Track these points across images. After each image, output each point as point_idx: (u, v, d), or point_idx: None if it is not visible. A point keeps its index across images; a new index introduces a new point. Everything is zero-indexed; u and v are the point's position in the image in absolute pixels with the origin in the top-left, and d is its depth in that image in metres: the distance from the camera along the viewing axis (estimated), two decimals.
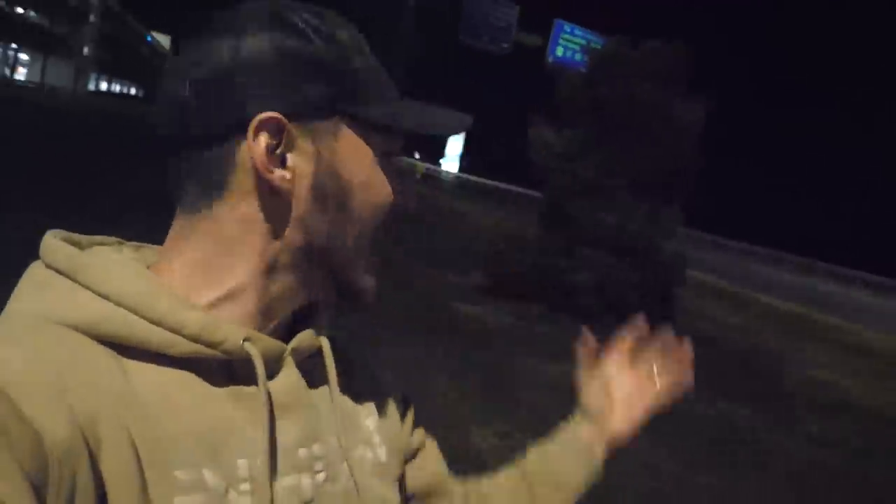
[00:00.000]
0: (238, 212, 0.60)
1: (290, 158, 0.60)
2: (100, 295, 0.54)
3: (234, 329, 0.57)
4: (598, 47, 10.74)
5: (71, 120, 24.06)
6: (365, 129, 0.63)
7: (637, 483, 4.31)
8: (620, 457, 0.99)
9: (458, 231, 18.19)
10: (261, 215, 0.60)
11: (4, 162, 9.59)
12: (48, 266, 0.57)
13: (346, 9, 0.73)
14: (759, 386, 7.66)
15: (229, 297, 0.60)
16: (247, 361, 0.58)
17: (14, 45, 41.71)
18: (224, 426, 0.56)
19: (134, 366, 0.54)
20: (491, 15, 62.00)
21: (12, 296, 0.56)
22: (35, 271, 0.57)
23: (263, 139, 0.58)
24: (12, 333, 0.51)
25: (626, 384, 1.01)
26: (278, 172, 0.59)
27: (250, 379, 0.58)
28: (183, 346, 0.55)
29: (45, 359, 0.49)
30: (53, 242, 0.58)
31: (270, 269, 0.61)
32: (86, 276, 0.55)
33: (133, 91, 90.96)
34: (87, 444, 0.47)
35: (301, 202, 0.61)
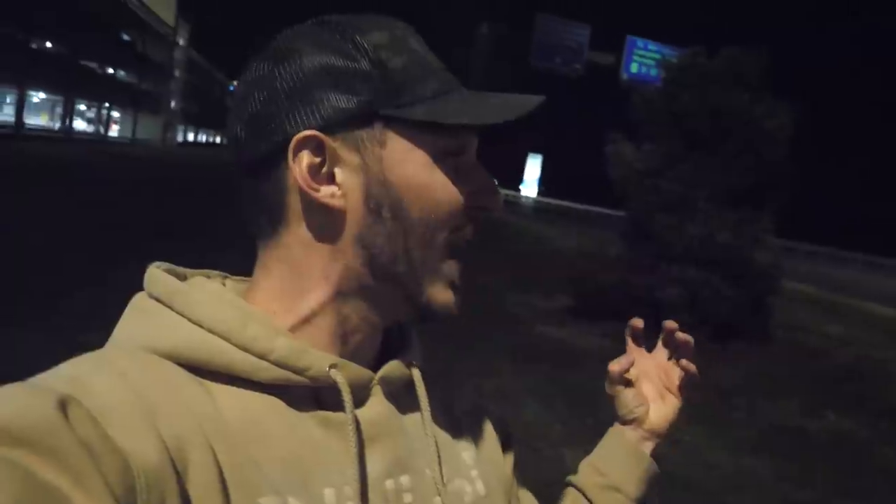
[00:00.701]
0: (299, 235, 0.60)
1: (338, 174, 0.59)
2: (193, 322, 0.56)
3: (320, 356, 0.57)
4: (671, 61, 10.53)
5: (162, 170, 25.22)
6: (411, 130, 0.59)
7: (745, 501, 4.13)
8: (727, 473, 0.94)
9: (540, 254, 18.06)
10: (319, 236, 0.59)
11: (109, 213, 10.12)
12: (150, 295, 0.59)
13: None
14: (867, 397, 7.25)
15: (306, 322, 0.60)
16: (334, 389, 0.57)
17: (107, 104, 44.12)
18: (310, 454, 0.56)
19: (222, 392, 0.55)
20: (562, 37, 61.93)
21: (118, 323, 0.59)
22: (137, 300, 0.60)
23: (305, 158, 0.57)
24: (106, 361, 0.53)
25: (653, 376, 0.92)
26: (325, 189, 0.58)
27: (337, 406, 0.58)
28: (269, 372, 0.55)
29: (133, 385, 0.50)
30: (155, 273, 0.60)
31: (339, 291, 0.60)
32: (181, 305, 0.57)
33: (218, 139, 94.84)
34: (175, 468, 0.47)
35: (356, 217, 0.59)
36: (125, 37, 43.83)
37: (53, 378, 0.49)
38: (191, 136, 77.99)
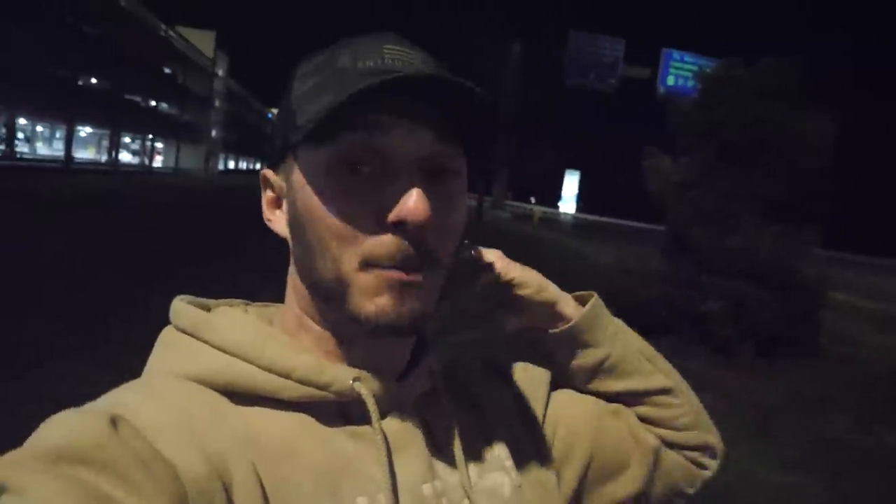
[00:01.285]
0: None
1: (283, 205, 0.63)
2: (217, 348, 0.59)
3: (342, 370, 0.59)
4: (707, 73, 10.43)
5: (202, 196, 25.70)
6: (305, 152, 0.58)
7: None
8: (776, 491, 0.92)
9: (578, 270, 17.93)
10: (292, 259, 0.64)
11: (150, 238, 10.34)
12: (176, 328, 0.63)
13: (453, 63, 0.72)
14: None
15: (318, 337, 0.62)
16: (359, 402, 0.59)
17: (150, 136, 45.18)
18: (341, 466, 0.57)
19: (253, 412, 0.57)
20: (596, 53, 61.63)
21: (150, 356, 0.63)
22: (164, 334, 0.63)
23: (265, 194, 0.65)
24: (145, 386, 0.57)
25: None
26: (273, 219, 0.65)
27: (364, 419, 0.59)
28: (293, 391, 0.57)
29: (172, 407, 0.54)
30: (180, 306, 0.64)
31: (305, 310, 0.63)
32: (206, 333, 0.60)
33: (258, 166, 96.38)
34: (222, 480, 0.50)
35: (291, 242, 0.63)
36: (167, 70, 44.91)
37: (101, 403, 0.53)
38: (231, 164, 79.36)
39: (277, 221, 0.64)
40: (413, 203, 0.54)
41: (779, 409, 6.31)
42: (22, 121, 32.03)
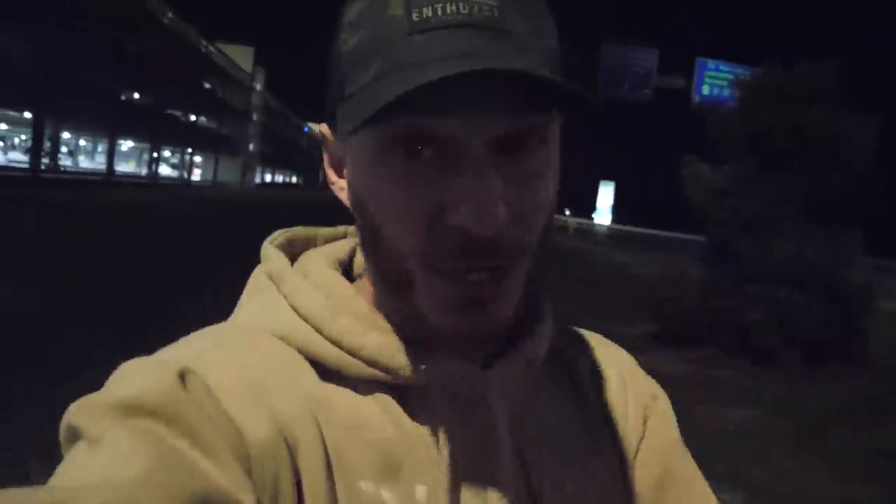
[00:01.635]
0: None
1: (345, 169, 0.56)
2: (292, 307, 0.55)
3: (414, 353, 0.53)
4: (746, 80, 10.34)
5: (237, 209, 26.06)
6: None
7: None
8: (835, 502, 0.84)
9: (617, 280, 17.78)
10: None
11: (188, 249, 10.48)
12: (264, 272, 0.59)
13: None
14: None
15: (389, 316, 0.56)
16: (427, 387, 0.54)
17: (189, 150, 46.00)
18: (406, 449, 0.53)
19: (326, 378, 0.54)
20: (629, 64, 61.52)
21: (240, 300, 0.61)
22: (253, 278, 0.61)
23: (327, 151, 0.59)
24: (223, 339, 0.55)
25: None
26: (337, 183, 0.58)
27: (438, 406, 0.54)
28: (360, 370, 0.53)
29: (248, 363, 0.51)
30: (268, 250, 0.61)
31: (381, 290, 0.56)
32: (283, 287, 0.57)
33: (294, 179, 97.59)
34: (287, 445, 0.48)
35: (355, 217, 0.56)
36: (206, 85, 45.75)
37: (176, 352, 0.52)
38: (268, 178, 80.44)
39: (342, 189, 0.57)
40: (476, 213, 0.46)
41: (832, 419, 6.14)
42: (66, 135, 32.88)
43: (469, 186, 0.46)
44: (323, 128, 0.58)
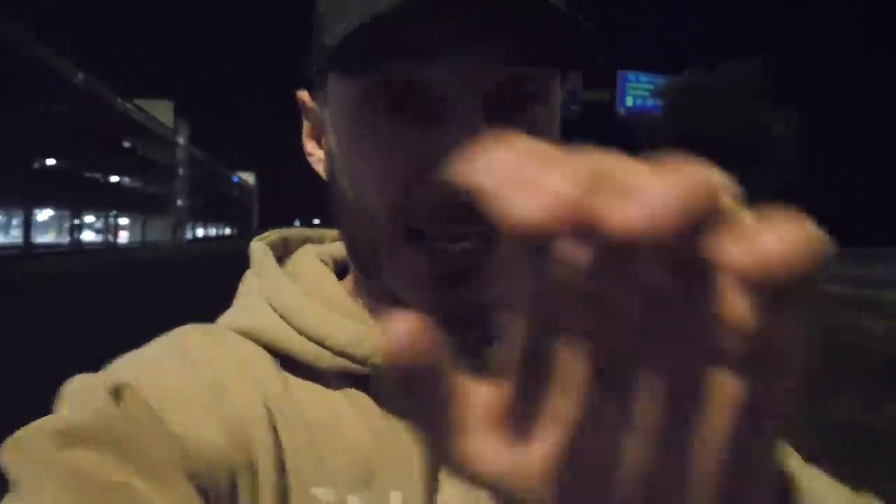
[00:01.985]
0: None
1: (323, 137, 0.55)
2: (267, 300, 0.53)
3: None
4: (673, 84, 10.61)
5: (173, 269, 25.48)
6: (336, 80, 0.49)
7: None
8: None
9: None
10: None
11: (117, 320, 10.04)
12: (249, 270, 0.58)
13: None
14: None
15: (367, 304, 0.55)
16: None
17: (114, 212, 44.90)
18: (379, 450, 0.50)
19: (296, 375, 0.51)
20: None
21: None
22: (244, 277, 0.59)
23: (307, 121, 0.57)
24: (179, 340, 0.52)
25: None
26: (313, 153, 0.57)
27: None
28: (328, 360, 0.50)
29: (205, 366, 0.49)
30: (255, 245, 0.59)
31: (356, 276, 0.56)
32: (262, 280, 0.55)
33: (228, 231, 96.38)
34: (242, 448, 0.46)
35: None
36: (126, 143, 44.80)
37: (122, 364, 0.50)
38: (200, 232, 79.30)
39: (319, 161, 0.56)
40: (440, 166, 0.44)
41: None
42: None
43: (456, 138, 0.43)
44: (304, 94, 0.57)
